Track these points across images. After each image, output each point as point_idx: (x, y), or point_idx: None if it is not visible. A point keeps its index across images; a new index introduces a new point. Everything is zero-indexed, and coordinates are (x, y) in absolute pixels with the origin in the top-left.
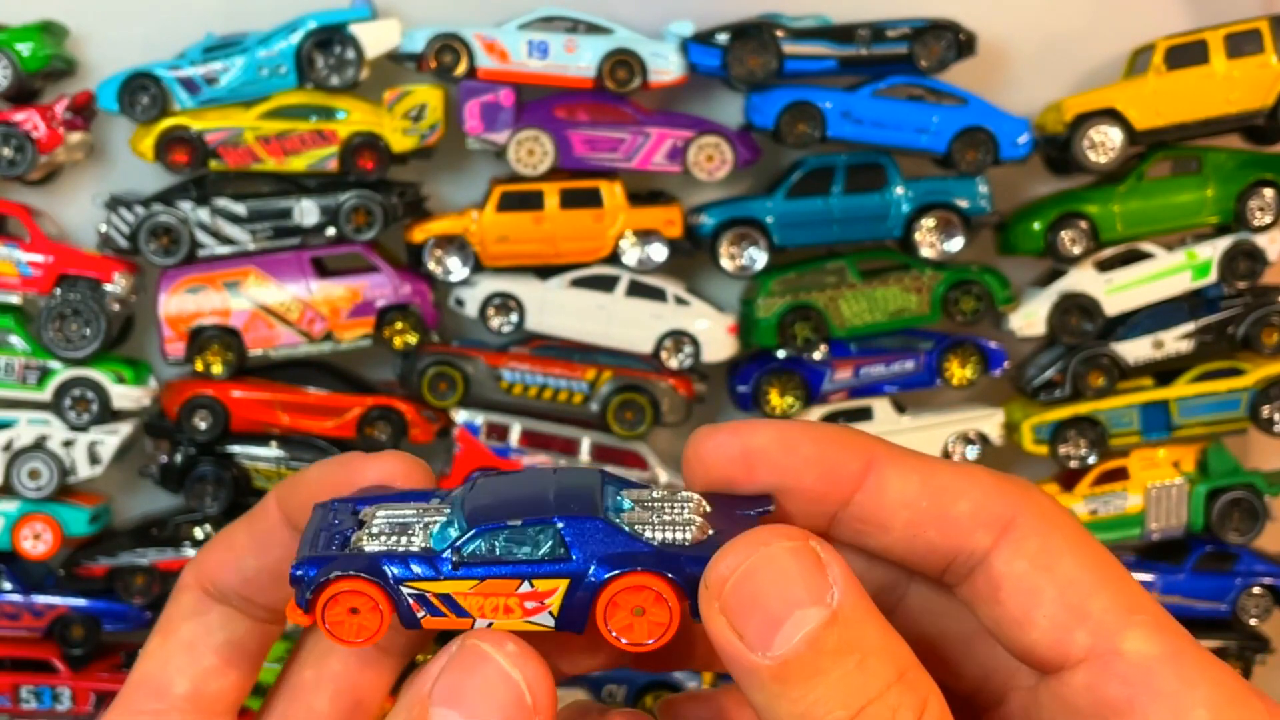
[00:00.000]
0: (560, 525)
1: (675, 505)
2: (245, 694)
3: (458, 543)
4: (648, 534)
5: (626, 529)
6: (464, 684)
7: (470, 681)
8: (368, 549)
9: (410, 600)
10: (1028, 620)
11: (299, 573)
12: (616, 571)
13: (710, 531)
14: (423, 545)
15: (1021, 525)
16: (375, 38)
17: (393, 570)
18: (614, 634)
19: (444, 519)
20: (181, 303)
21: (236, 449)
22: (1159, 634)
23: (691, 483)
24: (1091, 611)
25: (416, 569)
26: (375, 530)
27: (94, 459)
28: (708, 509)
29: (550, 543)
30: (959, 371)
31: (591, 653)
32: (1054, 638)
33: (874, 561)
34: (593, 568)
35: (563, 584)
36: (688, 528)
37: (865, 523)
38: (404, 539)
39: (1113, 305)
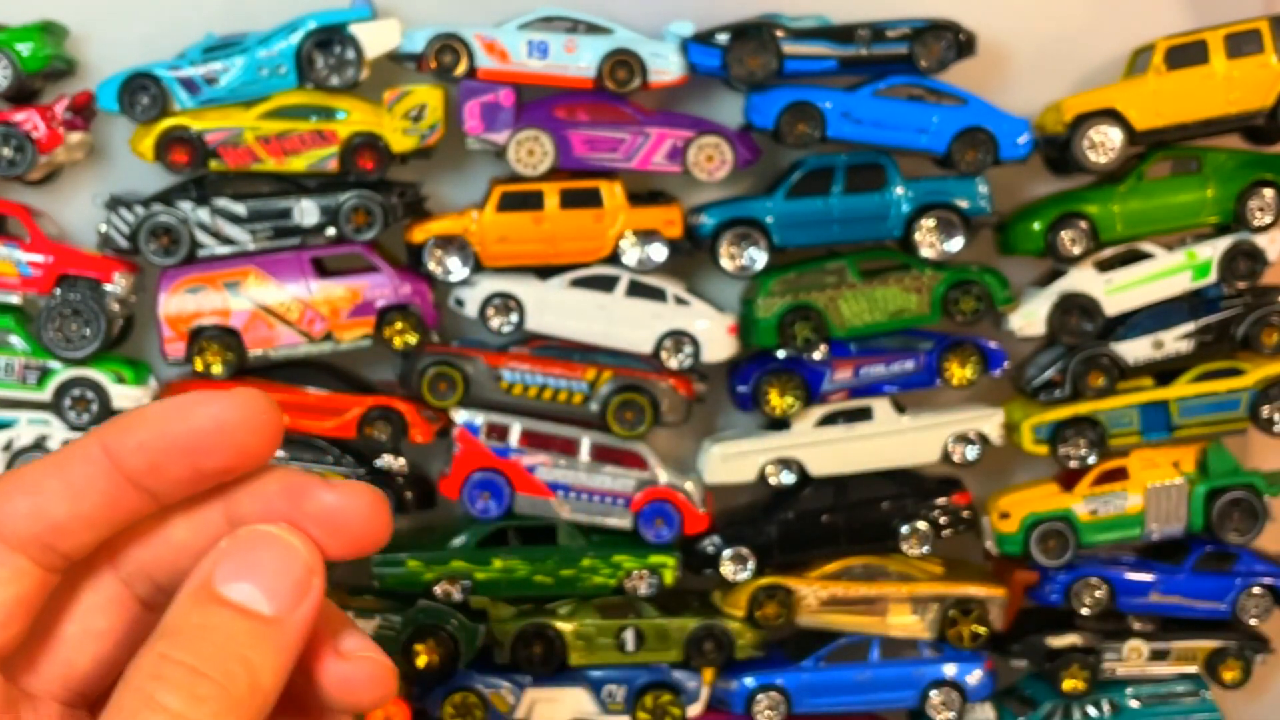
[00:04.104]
0: None
1: None
2: (14, 647)
3: None
4: None
5: None
6: (251, 560)
7: (258, 556)
8: None
9: None
10: None
11: None
12: None
13: None
14: None
15: None
16: (375, 38)
17: None
18: None
19: None
20: (181, 303)
21: None
22: None
23: None
24: None
25: None
26: None
27: None
28: None
29: None
30: (959, 371)
31: None
32: None
33: None
34: None
35: None
36: None
37: None
38: None
39: (1113, 305)
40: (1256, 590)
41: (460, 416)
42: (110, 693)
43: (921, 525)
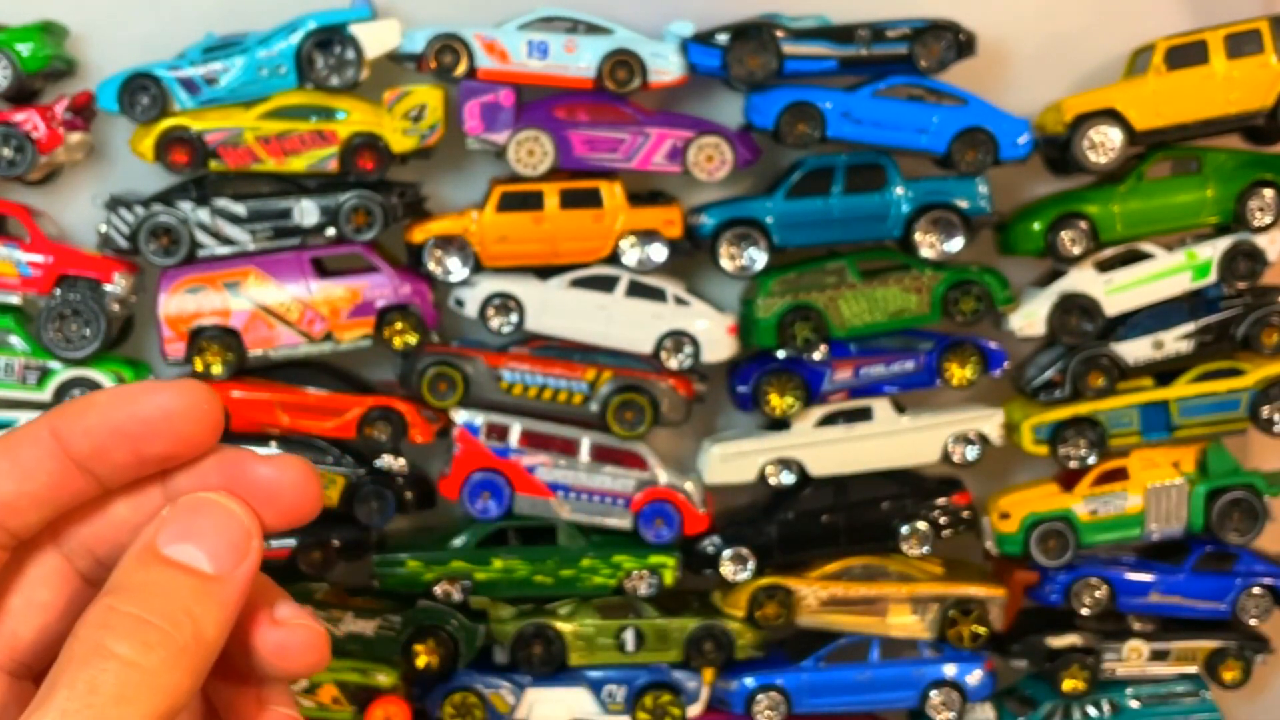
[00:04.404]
0: None
1: None
2: None
3: None
4: None
5: None
6: (193, 524)
7: (199, 520)
8: None
9: None
10: None
11: None
12: None
13: None
14: None
15: None
16: (375, 38)
17: None
18: None
19: None
20: (181, 303)
21: None
22: None
23: None
24: None
25: None
26: None
27: None
28: None
29: None
30: (959, 371)
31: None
32: None
33: None
34: None
35: None
36: None
37: None
38: None
39: (1113, 305)
40: (1256, 590)
41: (460, 416)
42: (53, 664)
43: (921, 525)
